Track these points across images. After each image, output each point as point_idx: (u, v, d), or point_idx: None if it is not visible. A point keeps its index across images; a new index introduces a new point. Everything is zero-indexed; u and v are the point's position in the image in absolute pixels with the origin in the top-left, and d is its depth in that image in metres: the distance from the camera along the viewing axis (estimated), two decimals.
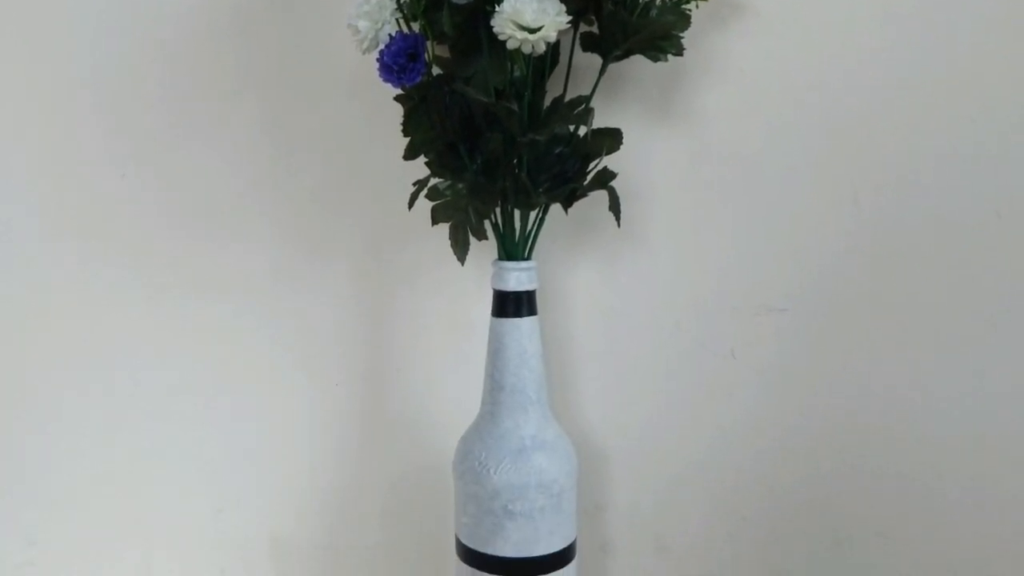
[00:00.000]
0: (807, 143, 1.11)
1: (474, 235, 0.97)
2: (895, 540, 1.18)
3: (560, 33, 0.89)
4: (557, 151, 0.97)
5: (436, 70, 0.95)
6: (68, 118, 1.19)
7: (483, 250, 1.07)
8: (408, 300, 1.20)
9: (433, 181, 0.98)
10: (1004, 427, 1.13)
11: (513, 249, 1.00)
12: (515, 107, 0.91)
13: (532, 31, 0.85)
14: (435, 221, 0.98)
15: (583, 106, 0.95)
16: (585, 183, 0.99)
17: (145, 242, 1.21)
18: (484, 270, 1.09)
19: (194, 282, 1.21)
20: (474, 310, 1.15)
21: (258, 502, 1.27)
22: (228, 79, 1.18)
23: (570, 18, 0.87)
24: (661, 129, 1.12)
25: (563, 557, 1.02)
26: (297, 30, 1.17)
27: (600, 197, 1.00)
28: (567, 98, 0.97)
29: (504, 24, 0.86)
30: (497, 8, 0.86)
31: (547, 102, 0.97)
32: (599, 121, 0.99)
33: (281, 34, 1.17)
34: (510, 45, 0.87)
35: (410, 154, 0.95)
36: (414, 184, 0.98)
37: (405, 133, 0.94)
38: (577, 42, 0.98)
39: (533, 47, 0.87)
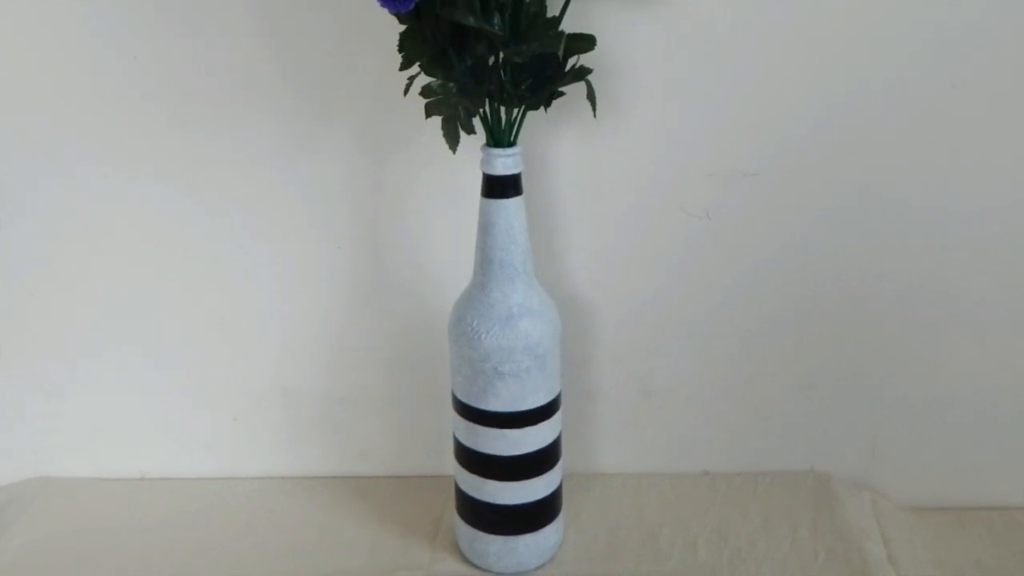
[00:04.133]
0: (776, 19, 1.15)
1: (463, 129, 1.01)
2: (867, 379, 1.28)
3: None
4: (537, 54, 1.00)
5: None
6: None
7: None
8: (404, 171, 1.23)
9: (427, 80, 1.02)
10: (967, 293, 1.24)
11: (500, 136, 1.04)
12: (496, 23, 0.96)
13: None
14: (428, 115, 1.02)
15: (556, 28, 1.00)
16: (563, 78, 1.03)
17: (161, 128, 1.23)
18: (476, 147, 1.09)
19: (213, 153, 1.23)
20: (465, 179, 1.15)
21: (269, 354, 1.32)
22: None
23: None
24: (640, 8, 1.14)
25: (548, 409, 1.11)
26: None
27: (580, 84, 1.04)
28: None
29: None
30: None
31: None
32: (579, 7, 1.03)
33: None
34: None
35: (406, 64, 1.00)
36: (408, 79, 1.03)
37: (400, 50, 0.99)
38: None
39: None
